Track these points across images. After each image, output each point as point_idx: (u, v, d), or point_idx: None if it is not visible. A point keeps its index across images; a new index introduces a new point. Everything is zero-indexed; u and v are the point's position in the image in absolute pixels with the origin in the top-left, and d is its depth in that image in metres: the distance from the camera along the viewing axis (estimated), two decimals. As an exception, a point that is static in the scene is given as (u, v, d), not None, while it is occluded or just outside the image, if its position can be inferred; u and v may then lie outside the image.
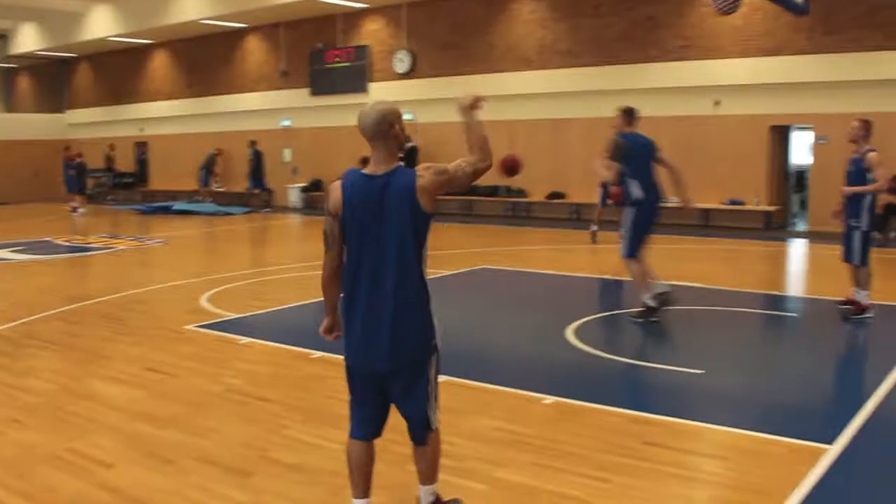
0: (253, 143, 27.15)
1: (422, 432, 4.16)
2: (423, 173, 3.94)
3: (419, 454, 4.25)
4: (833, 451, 5.20)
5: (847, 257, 9.44)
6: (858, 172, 9.24)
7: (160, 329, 9.12)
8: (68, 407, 6.38)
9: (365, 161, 13.72)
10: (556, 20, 21.52)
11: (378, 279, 3.94)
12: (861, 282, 9.35)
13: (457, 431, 5.64)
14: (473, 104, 4.05)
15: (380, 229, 3.92)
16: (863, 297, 9.30)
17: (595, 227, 16.78)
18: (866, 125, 9.38)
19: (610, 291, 12.10)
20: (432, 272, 4.17)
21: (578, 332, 8.66)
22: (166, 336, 8.80)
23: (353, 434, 4.20)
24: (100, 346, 8.41)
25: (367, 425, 4.18)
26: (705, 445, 5.48)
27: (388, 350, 3.95)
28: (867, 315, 9.23)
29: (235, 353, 8.02)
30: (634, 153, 9.23)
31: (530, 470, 5.05)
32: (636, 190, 9.24)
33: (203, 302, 10.61)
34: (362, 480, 4.21)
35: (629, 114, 9.45)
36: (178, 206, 25.57)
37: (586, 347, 8.06)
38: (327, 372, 7.25)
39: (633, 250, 9.28)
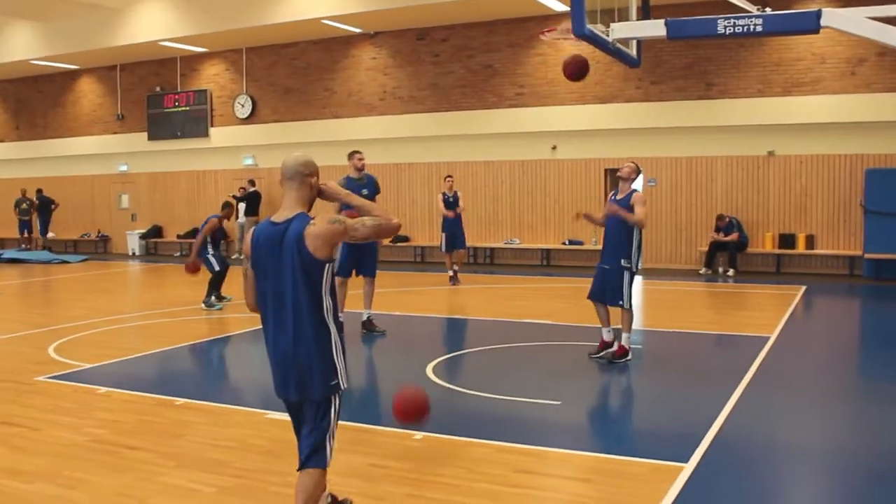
0: (39, 191, 27.15)
1: (308, 460, 4.33)
2: (317, 220, 4.18)
3: (300, 484, 4.34)
4: (688, 468, 5.65)
5: (612, 300, 9.16)
6: (629, 211, 9.08)
7: (7, 382, 8.78)
8: (-81, 465, 6.11)
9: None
10: (397, 67, 22.02)
11: (279, 319, 4.23)
12: (626, 324, 9.17)
13: (332, 469, 5.72)
14: (331, 191, 4.43)
15: (278, 272, 4.20)
16: (626, 340, 9.20)
17: (455, 269, 17.08)
18: (637, 167, 9.36)
19: (461, 330, 12.45)
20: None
21: (437, 370, 8.93)
22: (16, 388, 8.48)
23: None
24: (-57, 402, 8.04)
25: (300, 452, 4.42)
26: (572, 470, 5.83)
27: (294, 383, 4.26)
28: (628, 359, 9.18)
29: (95, 403, 7.84)
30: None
31: (409, 502, 5.24)
32: None
33: (51, 352, 10.26)
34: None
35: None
36: (8, 254, 24.40)
37: (448, 384, 8.34)
38: (194, 418, 7.22)
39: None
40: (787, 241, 18.20)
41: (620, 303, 9.10)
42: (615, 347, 9.30)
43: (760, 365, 9.05)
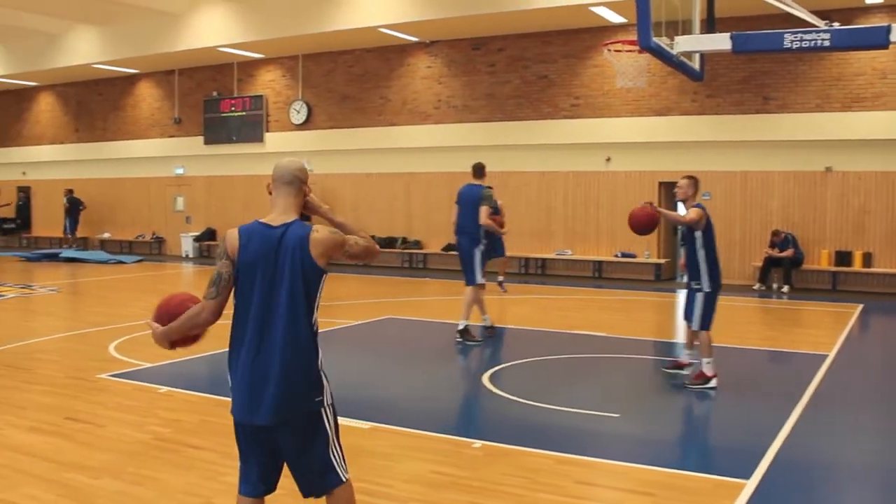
0: (70, 191, 28.10)
1: (323, 483, 4.00)
2: (319, 228, 3.95)
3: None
4: (751, 485, 5.60)
5: (686, 317, 9.00)
6: (688, 230, 8.89)
7: (72, 378, 8.97)
8: (-10, 457, 6.26)
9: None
10: (452, 76, 22.10)
11: (265, 331, 3.88)
12: (701, 348, 8.75)
13: (393, 475, 5.82)
14: (314, 204, 4.17)
15: (272, 279, 3.89)
16: (705, 366, 8.64)
17: (501, 278, 17.11)
18: (694, 182, 8.97)
19: (514, 340, 12.43)
20: (339, 322, 4.28)
21: (494, 379, 8.94)
22: (80, 385, 8.66)
23: (240, 490, 4.11)
24: (9, 396, 8.21)
25: (253, 482, 4.07)
26: (633, 483, 5.79)
27: (272, 404, 3.84)
28: (709, 385, 8.56)
29: (157, 402, 7.97)
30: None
31: (472, 510, 5.27)
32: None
33: (111, 351, 10.46)
34: None
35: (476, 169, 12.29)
36: (66, 253, 24.90)
37: (505, 394, 8.34)
38: (255, 419, 7.28)
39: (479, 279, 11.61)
40: (843, 258, 17.93)
41: (690, 322, 8.91)
42: (690, 371, 9.09)
43: (820, 383, 8.94)
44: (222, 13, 22.34)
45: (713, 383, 8.53)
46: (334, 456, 3.99)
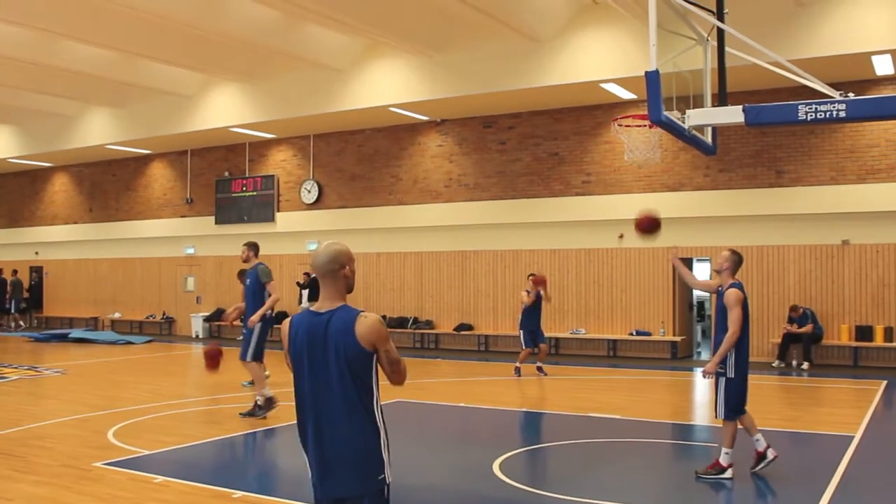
0: (14, 272, 30.03)
1: None
2: (367, 314, 4.04)
3: None
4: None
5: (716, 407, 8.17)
6: (720, 309, 8.10)
7: (65, 467, 8.63)
8: (-30, 556, 5.93)
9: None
10: (463, 154, 22.04)
11: (324, 412, 4.03)
12: (723, 435, 8.11)
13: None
14: None
15: (323, 364, 4.01)
16: (723, 456, 8.02)
17: (539, 364, 16.47)
18: (736, 257, 8.32)
19: (530, 425, 12.05)
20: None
21: (505, 468, 8.56)
22: (73, 475, 8.32)
23: None
24: (-1, 487, 7.89)
25: None
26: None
27: (341, 481, 4.01)
28: (724, 476, 7.95)
29: (150, 494, 7.61)
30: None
31: None
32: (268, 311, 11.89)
33: (110, 437, 10.13)
34: None
35: (255, 247, 12.60)
36: (75, 333, 24.70)
37: (516, 483, 7.95)
38: (251, 512, 6.95)
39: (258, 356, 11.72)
40: (864, 333, 17.51)
41: (715, 412, 8.15)
42: (769, 456, 8.17)
43: (847, 466, 8.51)
44: (234, 94, 22.44)
45: (728, 474, 7.92)
46: None
